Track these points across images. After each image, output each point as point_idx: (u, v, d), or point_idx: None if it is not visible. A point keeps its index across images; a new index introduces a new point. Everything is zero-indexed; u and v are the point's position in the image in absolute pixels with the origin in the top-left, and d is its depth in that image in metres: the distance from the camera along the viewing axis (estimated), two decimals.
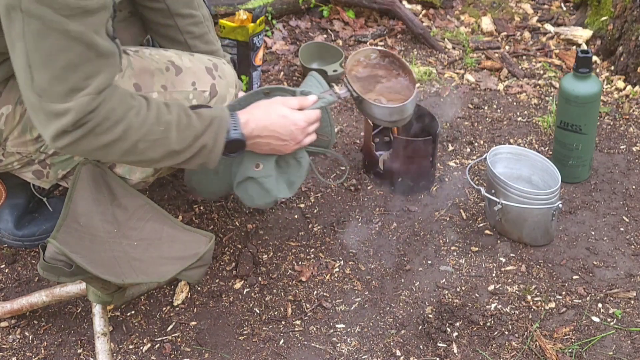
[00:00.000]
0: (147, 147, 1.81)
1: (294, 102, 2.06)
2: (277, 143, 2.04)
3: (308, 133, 2.08)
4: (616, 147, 2.79)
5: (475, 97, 3.06)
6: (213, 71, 2.16)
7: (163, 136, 1.82)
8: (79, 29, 1.64)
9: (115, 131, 1.75)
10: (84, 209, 1.93)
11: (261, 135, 2.00)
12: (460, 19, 3.57)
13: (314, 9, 3.54)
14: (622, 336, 2.14)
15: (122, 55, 1.88)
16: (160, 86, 2.07)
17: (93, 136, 1.73)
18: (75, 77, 1.67)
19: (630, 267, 2.34)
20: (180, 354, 2.11)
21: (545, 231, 2.39)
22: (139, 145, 1.80)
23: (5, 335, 2.18)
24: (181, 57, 2.15)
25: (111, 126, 1.74)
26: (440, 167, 2.70)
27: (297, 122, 2.04)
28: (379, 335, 2.15)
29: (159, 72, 2.08)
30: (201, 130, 1.87)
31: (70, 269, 1.77)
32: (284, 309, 2.23)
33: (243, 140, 1.96)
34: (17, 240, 2.36)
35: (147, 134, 1.80)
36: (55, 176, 2.09)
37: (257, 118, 1.99)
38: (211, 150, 1.90)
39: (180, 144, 1.85)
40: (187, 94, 2.10)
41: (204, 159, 1.91)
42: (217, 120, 1.91)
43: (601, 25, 3.32)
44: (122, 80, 2.03)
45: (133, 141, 1.78)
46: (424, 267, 2.35)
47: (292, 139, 2.04)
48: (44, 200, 2.37)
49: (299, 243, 2.43)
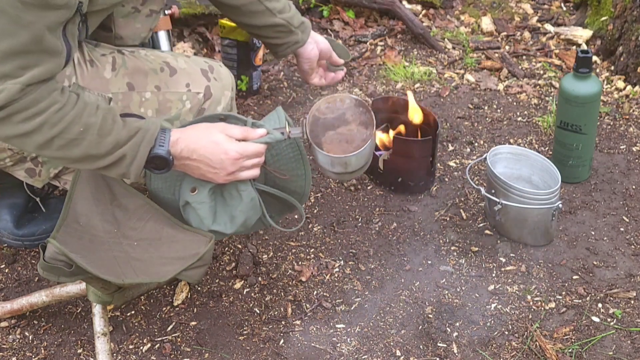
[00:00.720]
0: (63, 145, 1.76)
1: (236, 131, 1.91)
2: (207, 169, 1.90)
3: (243, 166, 1.91)
4: (616, 147, 2.79)
5: (475, 97, 3.06)
6: (208, 73, 2.16)
7: (80, 137, 1.76)
8: (32, 20, 1.63)
9: (32, 123, 1.72)
10: (84, 209, 1.93)
11: (190, 158, 1.88)
12: (460, 19, 3.57)
13: (314, 9, 3.55)
14: (622, 336, 2.14)
15: (71, 60, 1.85)
16: (153, 86, 2.07)
17: (10, 123, 1.71)
18: (13, 64, 1.66)
19: (630, 267, 2.34)
20: (180, 354, 2.11)
21: (545, 231, 2.39)
22: (55, 142, 1.75)
23: (5, 335, 2.18)
24: (177, 58, 2.15)
25: (29, 117, 1.71)
26: (440, 167, 2.70)
27: (229, 152, 1.88)
28: (379, 335, 2.15)
29: (152, 73, 2.08)
30: (123, 140, 1.80)
31: (70, 269, 1.77)
32: (284, 309, 2.23)
33: (167, 158, 1.84)
34: (17, 240, 2.36)
35: (64, 132, 1.75)
36: (47, 175, 2.09)
37: (189, 139, 1.87)
38: (131, 162, 1.82)
39: (98, 148, 1.79)
40: (180, 95, 2.10)
41: (123, 170, 1.83)
42: (142, 132, 1.82)
43: (601, 25, 3.32)
44: (116, 78, 2.03)
45: (48, 136, 1.74)
46: (424, 267, 2.35)
47: (222, 168, 1.89)
48: (37, 201, 2.36)
49: (299, 243, 2.43)
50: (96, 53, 2.06)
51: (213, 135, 1.88)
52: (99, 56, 2.06)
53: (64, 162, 1.90)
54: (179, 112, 2.11)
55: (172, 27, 2.66)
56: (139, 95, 2.06)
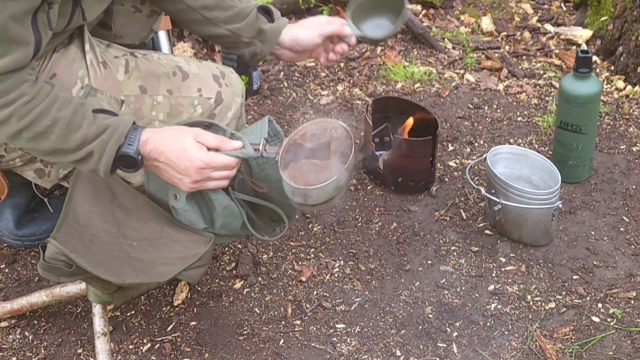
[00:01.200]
0: (32, 137, 1.76)
1: (210, 139, 1.84)
2: (174, 174, 1.84)
3: (209, 177, 1.84)
4: (616, 147, 2.79)
5: (475, 97, 3.06)
6: (220, 79, 2.15)
7: (47, 131, 1.75)
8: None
9: (1, 114, 1.72)
10: (84, 209, 1.93)
11: (158, 160, 1.83)
12: (460, 19, 3.57)
13: (314, 9, 3.55)
14: (622, 336, 2.14)
15: (44, 49, 1.82)
16: (165, 90, 2.07)
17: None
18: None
19: (630, 267, 2.34)
20: (180, 354, 2.11)
21: (545, 231, 2.39)
22: (24, 134, 1.75)
23: (5, 335, 2.18)
24: (189, 63, 2.15)
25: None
26: (440, 167, 2.70)
27: (194, 160, 1.81)
28: (379, 335, 2.15)
29: (165, 77, 2.08)
30: (92, 136, 1.77)
31: (70, 269, 1.76)
32: (284, 309, 2.23)
33: (135, 158, 1.80)
34: (17, 240, 2.36)
35: (32, 124, 1.74)
36: (56, 175, 2.09)
37: (158, 140, 1.82)
38: (99, 159, 1.79)
39: (67, 143, 1.77)
40: (192, 99, 2.10)
41: (92, 166, 1.81)
42: (111, 129, 1.78)
43: (601, 25, 3.32)
44: (128, 81, 2.03)
45: (17, 128, 1.74)
46: (424, 267, 2.35)
47: (186, 175, 1.82)
48: (45, 201, 2.37)
49: (299, 243, 2.43)
50: (109, 55, 2.06)
51: (183, 140, 1.82)
52: (112, 58, 2.05)
53: (35, 153, 1.89)
54: (190, 116, 2.10)
55: (172, 27, 2.66)
56: (151, 98, 2.06)
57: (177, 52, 3.12)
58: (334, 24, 2.16)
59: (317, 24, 2.18)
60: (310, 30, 2.16)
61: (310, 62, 3.27)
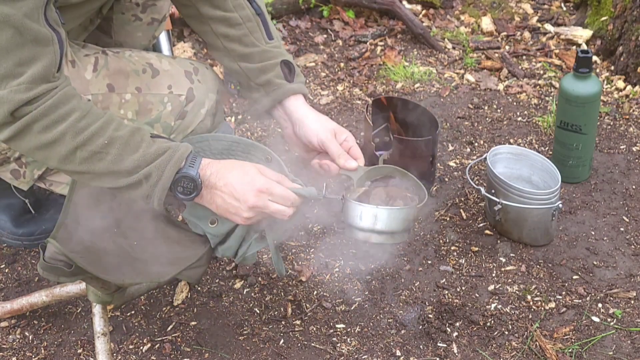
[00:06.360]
0: (86, 158, 1.70)
1: (272, 173, 1.83)
2: (231, 202, 1.78)
3: (267, 205, 1.79)
4: (616, 147, 2.79)
5: (475, 97, 3.06)
6: (192, 75, 2.10)
7: (104, 150, 1.69)
8: (6, 12, 1.57)
9: (54, 132, 1.66)
10: (84, 209, 1.93)
11: (217, 185, 1.78)
12: (460, 19, 3.57)
13: (314, 9, 3.55)
14: (622, 336, 2.14)
15: (67, 43, 1.76)
16: (134, 88, 2.02)
17: (31, 133, 1.66)
18: (7, 63, 1.60)
19: (630, 267, 2.34)
20: (180, 354, 2.11)
21: (545, 231, 2.39)
22: (77, 154, 1.69)
23: (5, 335, 2.18)
24: (161, 59, 2.09)
25: (49, 125, 1.65)
26: (440, 167, 2.70)
27: (255, 182, 1.77)
28: (379, 335, 2.15)
29: (134, 74, 2.03)
30: (150, 158, 1.72)
31: (70, 269, 1.76)
32: (284, 309, 2.23)
33: (196, 179, 1.74)
34: (16, 239, 2.36)
35: (87, 143, 1.68)
36: (31, 176, 2.06)
37: (220, 166, 1.79)
38: (156, 182, 1.72)
39: (122, 164, 1.71)
40: (162, 97, 2.05)
41: (147, 191, 1.73)
42: (170, 152, 1.74)
43: (601, 25, 3.32)
44: (96, 79, 1.98)
45: (71, 147, 1.68)
46: (424, 267, 2.35)
47: (244, 201, 1.77)
48: (34, 202, 2.35)
49: (299, 243, 2.43)
50: (80, 54, 2.01)
51: (245, 167, 1.81)
52: (82, 56, 2.00)
53: (88, 178, 1.78)
54: (159, 114, 2.05)
55: (172, 27, 2.66)
56: (118, 96, 2.01)
57: (177, 52, 3.12)
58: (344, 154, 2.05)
59: (332, 130, 2.05)
60: (323, 126, 2.05)
61: (311, 62, 3.27)
